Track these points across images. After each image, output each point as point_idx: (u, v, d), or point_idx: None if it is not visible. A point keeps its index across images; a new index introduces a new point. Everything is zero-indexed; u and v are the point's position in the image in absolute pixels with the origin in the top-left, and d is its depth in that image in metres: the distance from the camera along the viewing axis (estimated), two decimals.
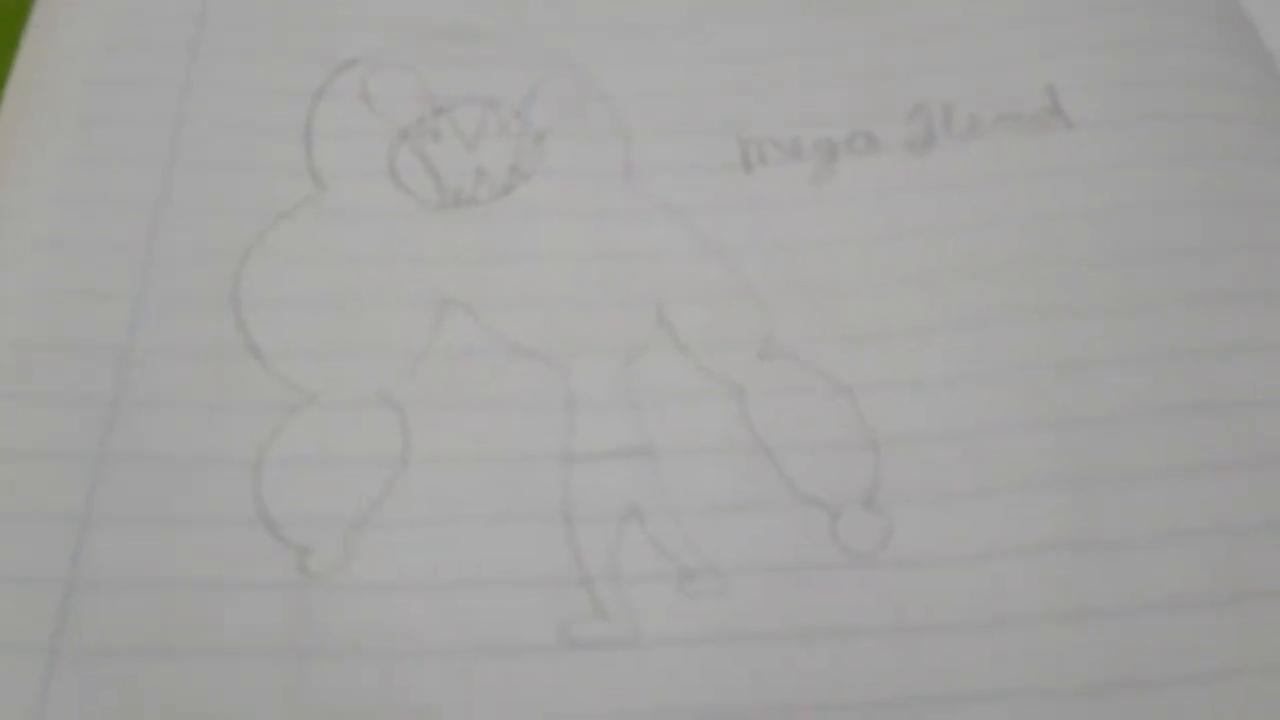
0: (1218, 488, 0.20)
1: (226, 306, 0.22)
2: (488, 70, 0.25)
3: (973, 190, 0.24)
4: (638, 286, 0.23)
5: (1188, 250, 0.23)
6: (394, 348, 0.22)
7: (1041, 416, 0.21)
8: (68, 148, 0.24)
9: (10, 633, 0.18)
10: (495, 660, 0.19)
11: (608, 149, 0.25)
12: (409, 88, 0.25)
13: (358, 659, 0.18)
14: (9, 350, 0.21)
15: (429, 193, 0.24)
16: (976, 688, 0.18)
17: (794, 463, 0.21)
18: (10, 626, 0.18)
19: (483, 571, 0.19)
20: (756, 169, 0.24)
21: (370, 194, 0.24)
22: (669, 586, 0.19)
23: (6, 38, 0.26)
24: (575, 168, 0.24)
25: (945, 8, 0.26)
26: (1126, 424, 0.21)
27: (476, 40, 0.26)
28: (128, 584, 0.19)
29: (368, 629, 0.19)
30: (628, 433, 0.21)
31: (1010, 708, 0.18)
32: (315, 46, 0.26)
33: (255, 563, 0.19)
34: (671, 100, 0.25)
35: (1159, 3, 0.26)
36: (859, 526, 0.20)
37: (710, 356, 0.22)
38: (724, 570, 0.20)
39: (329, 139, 0.24)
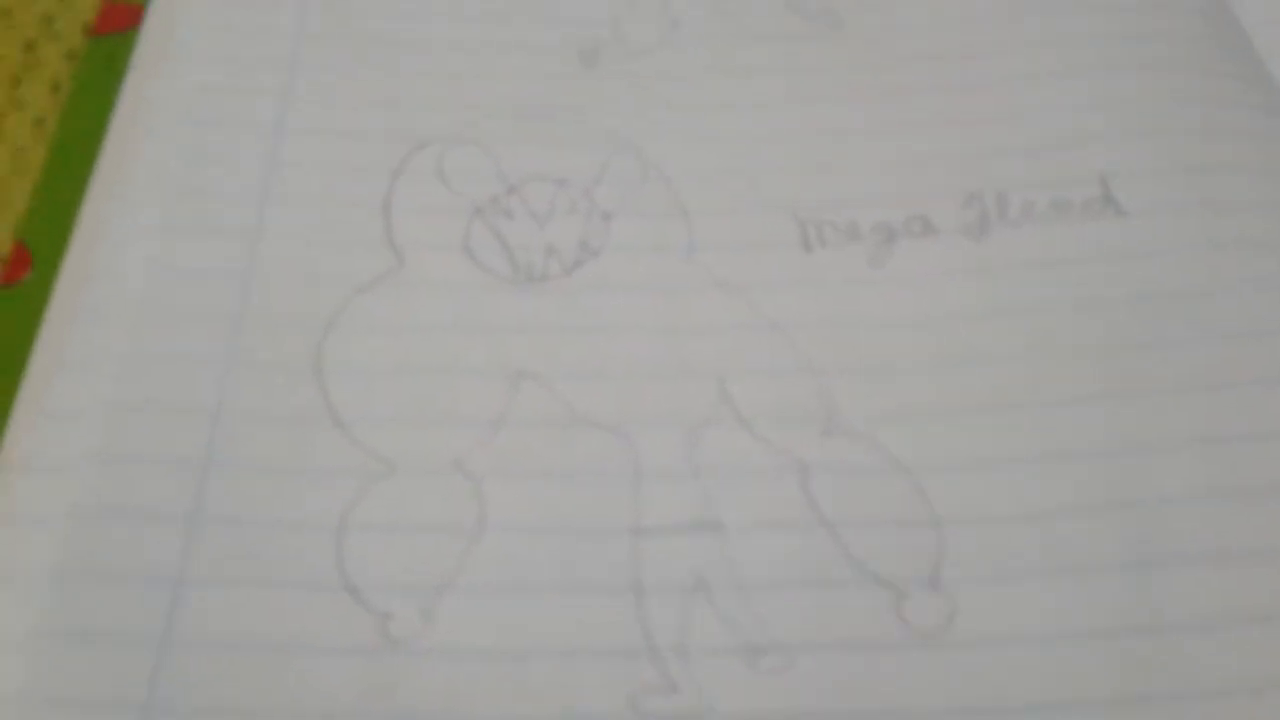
0: (1274, 573, 0.20)
1: (310, 375, 0.23)
2: (556, 150, 0.26)
3: (1028, 275, 0.24)
4: (700, 361, 0.23)
5: (1242, 334, 0.23)
6: (469, 418, 0.22)
7: (1101, 499, 0.21)
8: (161, 217, 0.25)
9: (106, 692, 0.19)
10: None
11: (670, 228, 0.25)
12: (483, 166, 0.26)
13: None
14: (104, 411, 0.22)
15: (502, 268, 0.25)
16: None
17: (858, 540, 0.21)
18: (106, 685, 0.19)
19: (555, 640, 0.20)
20: (815, 249, 0.25)
21: (446, 268, 0.24)
22: (737, 661, 0.20)
23: (97, 108, 0.27)
24: (640, 245, 0.25)
25: (1001, 94, 0.27)
26: (1187, 507, 0.21)
27: (545, 121, 0.27)
28: (218, 645, 0.19)
29: (444, 696, 0.19)
30: (694, 506, 0.22)
31: None
32: (393, 126, 0.27)
33: (338, 627, 0.20)
34: (729, 181, 0.26)
35: (1209, 93, 0.27)
36: (924, 607, 0.20)
37: (773, 432, 0.22)
38: (790, 647, 0.20)
39: (407, 214, 0.25)
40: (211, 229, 0.25)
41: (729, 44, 0.29)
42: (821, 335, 0.24)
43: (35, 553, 0.20)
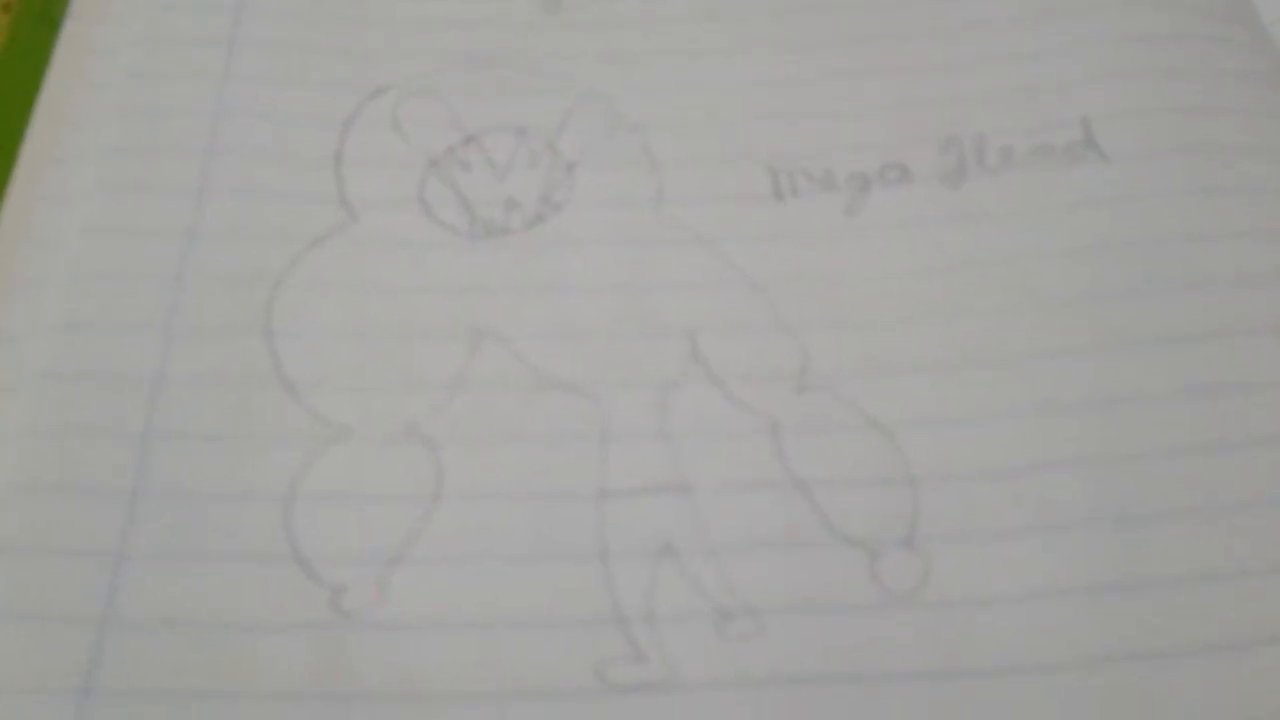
0: (1259, 525, 0.20)
1: (258, 336, 0.22)
2: (517, 99, 0.25)
3: (1007, 223, 0.24)
4: (670, 318, 0.22)
5: (1223, 282, 0.22)
6: (426, 380, 0.21)
7: (1080, 453, 0.21)
8: (98, 175, 0.23)
9: (43, 674, 0.18)
10: (530, 703, 0.18)
11: (638, 179, 0.24)
12: (439, 116, 0.25)
13: (391, 701, 0.18)
14: (38, 381, 0.21)
15: (460, 223, 0.24)
16: None
17: (831, 500, 0.20)
18: (43, 667, 0.18)
19: (517, 611, 0.19)
20: (788, 199, 0.24)
21: (401, 223, 0.23)
22: (706, 627, 0.19)
23: (33, 64, 0.26)
24: (606, 198, 0.24)
25: (979, 39, 0.26)
26: (1163, 462, 0.21)
27: (506, 69, 0.26)
28: (161, 623, 0.19)
29: (401, 670, 0.19)
30: (662, 468, 0.21)
31: None
32: (345, 75, 0.25)
33: (288, 601, 0.19)
34: (700, 130, 0.25)
35: (1194, 34, 0.26)
36: (898, 566, 0.20)
37: (745, 390, 0.22)
38: (761, 611, 0.19)
39: (359, 167, 0.24)
40: (153, 186, 0.23)
41: None
42: (795, 289, 0.23)
43: None
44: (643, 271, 0.23)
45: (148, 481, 0.20)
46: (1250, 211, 0.23)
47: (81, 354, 0.21)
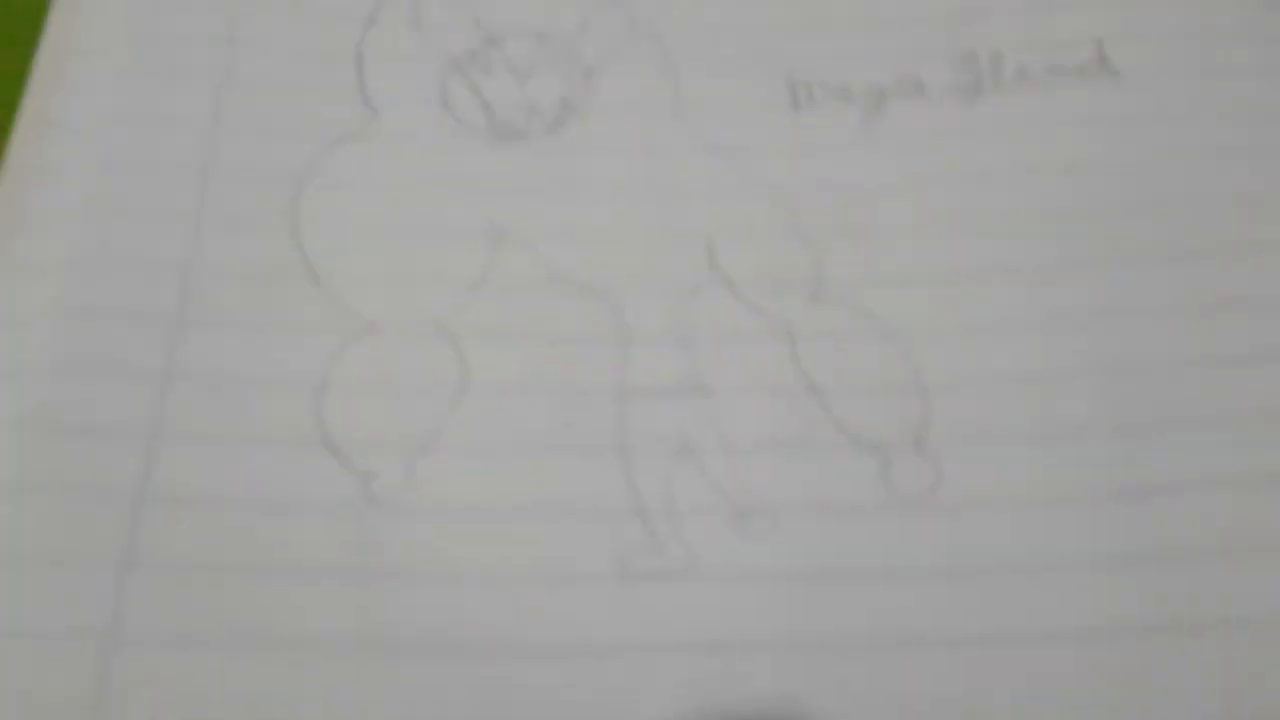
0: (1259, 435, 0.20)
1: (284, 230, 0.22)
2: (537, 2, 0.25)
3: (1020, 139, 0.24)
4: (688, 223, 0.23)
5: (1235, 200, 0.23)
6: (449, 278, 0.22)
7: (1090, 363, 0.21)
8: (120, 64, 0.23)
9: (83, 546, 0.18)
10: (553, 587, 0.19)
11: (657, 86, 0.25)
12: (460, 17, 0.25)
13: (418, 582, 0.19)
14: (72, 264, 0.21)
15: (481, 124, 0.24)
16: (1024, 630, 0.19)
17: (844, 405, 0.21)
18: (83, 539, 0.18)
19: (540, 500, 0.20)
20: (805, 109, 0.24)
21: (422, 121, 0.24)
22: (723, 522, 0.20)
23: None
24: (625, 104, 0.24)
25: None
26: (1175, 372, 0.21)
27: None
28: (196, 500, 0.19)
29: (427, 552, 0.19)
30: (680, 369, 0.21)
31: (1057, 650, 0.19)
32: None
33: (319, 484, 0.19)
34: (720, 38, 0.25)
35: None
36: (909, 471, 0.20)
37: (761, 297, 0.22)
38: (776, 509, 0.20)
39: (381, 65, 0.24)
40: (175, 78, 0.23)
41: None
42: (810, 198, 0.23)
43: (3, 407, 0.19)
44: (661, 177, 0.23)
45: (179, 364, 0.20)
46: (1257, 132, 0.24)
47: (110, 241, 0.21)
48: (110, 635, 0.18)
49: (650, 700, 0.18)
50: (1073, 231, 0.23)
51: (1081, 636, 0.19)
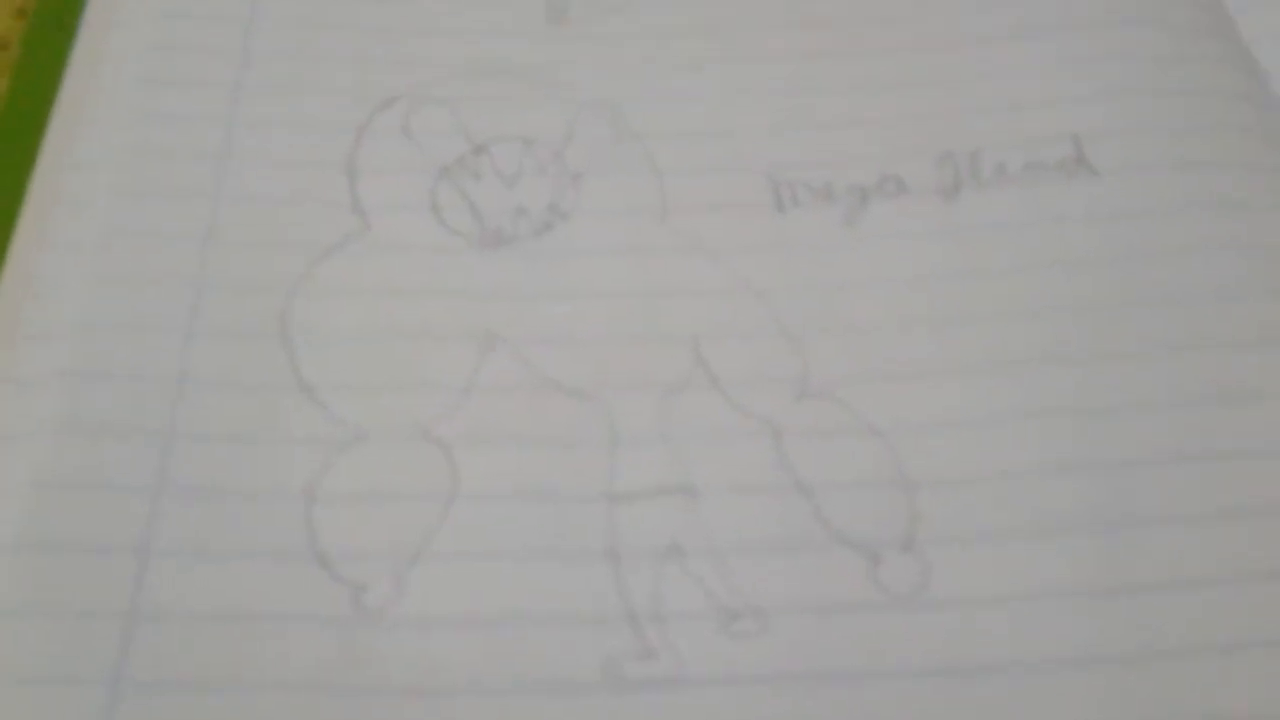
0: (1242, 533, 0.21)
1: (275, 340, 0.22)
2: (524, 110, 0.26)
3: (1001, 236, 0.24)
4: (674, 324, 0.23)
5: (1212, 296, 0.23)
6: (439, 383, 0.22)
7: (1072, 460, 0.21)
8: (114, 181, 0.24)
9: (73, 666, 0.18)
10: (543, 697, 0.19)
11: (642, 188, 0.25)
12: (449, 125, 0.25)
13: (409, 694, 0.19)
14: (59, 380, 0.21)
15: (470, 230, 0.24)
16: None
17: (832, 504, 0.21)
18: (73, 659, 0.18)
19: (530, 607, 0.20)
20: (789, 209, 0.25)
21: (413, 230, 0.24)
22: (712, 626, 0.20)
23: (49, 70, 0.26)
24: (611, 207, 0.25)
25: (972, 55, 0.27)
26: (1154, 468, 0.21)
27: (513, 79, 0.27)
28: (187, 617, 0.19)
29: (419, 664, 0.19)
30: (668, 471, 0.21)
31: None
32: (357, 84, 0.26)
33: (310, 597, 0.19)
34: (702, 140, 0.26)
35: (1182, 52, 0.27)
36: (898, 569, 0.20)
37: (747, 395, 0.22)
38: (765, 610, 0.20)
39: (372, 175, 0.25)
40: (168, 191, 0.24)
41: (696, 2, 0.28)
42: (795, 297, 0.24)
43: None
44: (647, 279, 0.24)
45: (170, 479, 0.20)
46: (1234, 226, 0.24)
47: (102, 354, 0.22)
48: None
49: None
50: (1056, 327, 0.23)
51: None
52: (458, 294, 0.23)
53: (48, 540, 0.20)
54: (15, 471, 0.20)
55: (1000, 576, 0.20)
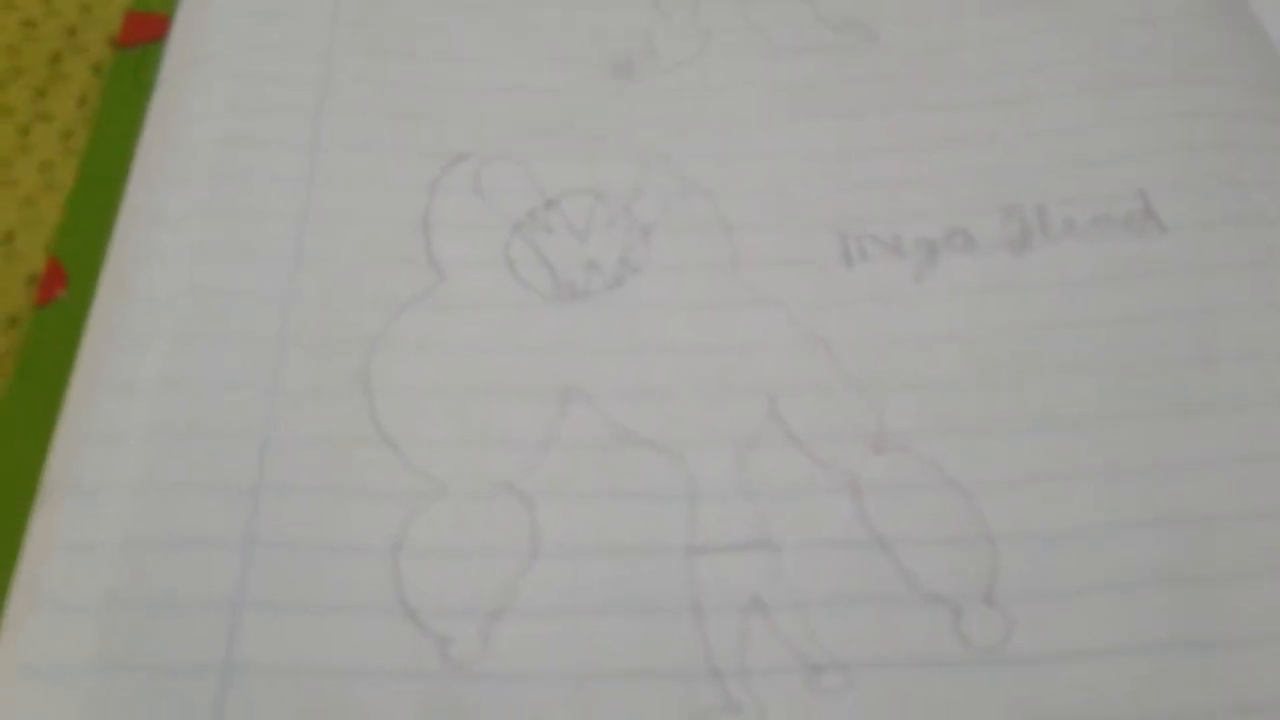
0: None
1: (358, 395, 0.22)
2: (593, 164, 0.26)
3: (1071, 290, 0.24)
4: (748, 379, 0.23)
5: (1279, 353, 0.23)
6: (518, 437, 0.22)
7: (1149, 515, 0.21)
8: (196, 237, 0.24)
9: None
10: None
11: (712, 242, 0.25)
12: (519, 181, 0.26)
13: None
14: (150, 435, 0.21)
15: (544, 284, 0.24)
16: None
17: (913, 557, 0.21)
18: (171, 715, 0.19)
19: (615, 662, 0.20)
20: (857, 264, 0.25)
21: (488, 285, 0.24)
22: (797, 681, 0.20)
23: (127, 126, 0.27)
24: (682, 261, 0.25)
25: (1040, 108, 0.27)
26: (1232, 523, 0.21)
27: (582, 135, 0.27)
28: (279, 671, 0.19)
29: (507, 718, 0.19)
30: (747, 525, 0.21)
31: None
32: (429, 141, 0.26)
33: (397, 651, 0.20)
34: (770, 196, 0.26)
35: (1248, 108, 0.27)
36: (981, 622, 0.20)
37: (823, 449, 0.22)
38: (849, 665, 0.20)
39: (446, 230, 0.25)
40: (249, 248, 0.24)
41: (762, 57, 0.29)
42: (867, 350, 0.24)
43: (87, 582, 0.20)
44: (720, 333, 0.24)
45: (259, 534, 0.20)
46: None
47: (190, 410, 0.22)
48: None
49: None
50: (1128, 382, 0.23)
51: None
52: (534, 348, 0.23)
53: (140, 597, 0.20)
54: (106, 528, 0.20)
55: (1085, 630, 0.20)
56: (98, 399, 0.22)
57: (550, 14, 0.29)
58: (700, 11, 0.29)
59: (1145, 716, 0.19)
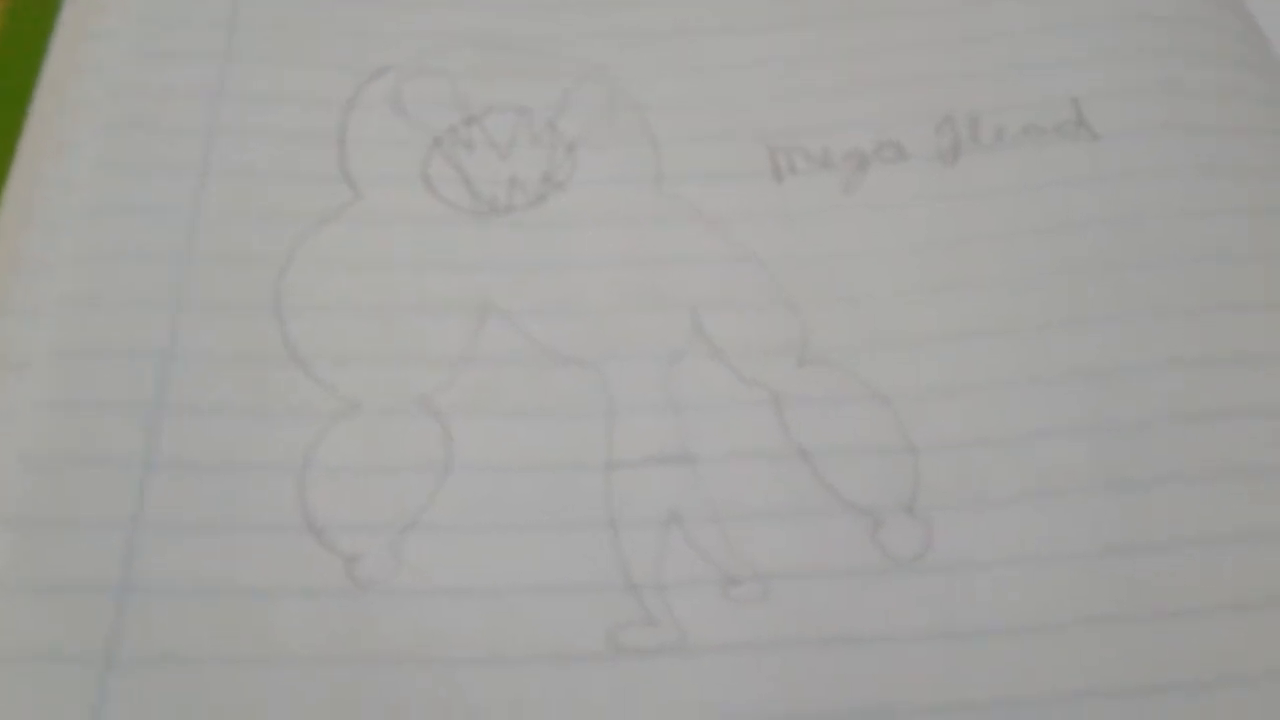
0: (1252, 492, 0.20)
1: (267, 313, 0.22)
2: (518, 80, 0.26)
3: (1001, 200, 0.24)
4: (672, 293, 0.23)
5: (1211, 258, 0.23)
6: (434, 355, 0.22)
7: (1075, 422, 0.21)
8: (100, 155, 0.24)
9: (66, 642, 0.18)
10: (545, 666, 0.19)
11: (639, 157, 0.25)
12: (440, 96, 0.25)
13: (408, 666, 0.19)
14: (50, 358, 0.21)
15: (463, 200, 0.24)
16: (1017, 693, 0.19)
17: (834, 469, 0.21)
18: (65, 636, 0.18)
19: (530, 578, 0.20)
20: (787, 178, 0.25)
21: (406, 201, 0.24)
22: (714, 592, 0.20)
23: (32, 43, 0.26)
24: (607, 176, 0.24)
25: (970, 18, 0.27)
26: (1158, 429, 0.21)
27: (506, 49, 0.26)
28: (180, 591, 0.19)
29: (418, 636, 0.19)
30: (667, 439, 0.21)
31: (1049, 712, 0.19)
32: (346, 55, 0.26)
33: (304, 570, 0.19)
34: (700, 109, 0.26)
35: (1182, 17, 0.26)
36: (900, 533, 0.20)
37: (747, 363, 0.22)
38: (767, 576, 0.20)
39: (363, 146, 0.24)
40: (156, 164, 0.23)
41: None
42: (795, 265, 0.23)
43: None
44: (644, 248, 0.23)
45: (160, 453, 0.20)
46: (1234, 189, 0.24)
47: (90, 329, 0.21)
48: None
49: None
50: (1057, 290, 0.23)
51: (1075, 699, 0.19)
52: (452, 265, 0.23)
53: (38, 516, 0.19)
54: (4, 449, 0.20)
55: (1002, 540, 0.20)
56: (2, 322, 0.21)
57: None
58: None
59: (1064, 624, 0.19)
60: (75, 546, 0.19)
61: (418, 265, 0.23)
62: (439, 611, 0.19)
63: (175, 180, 0.23)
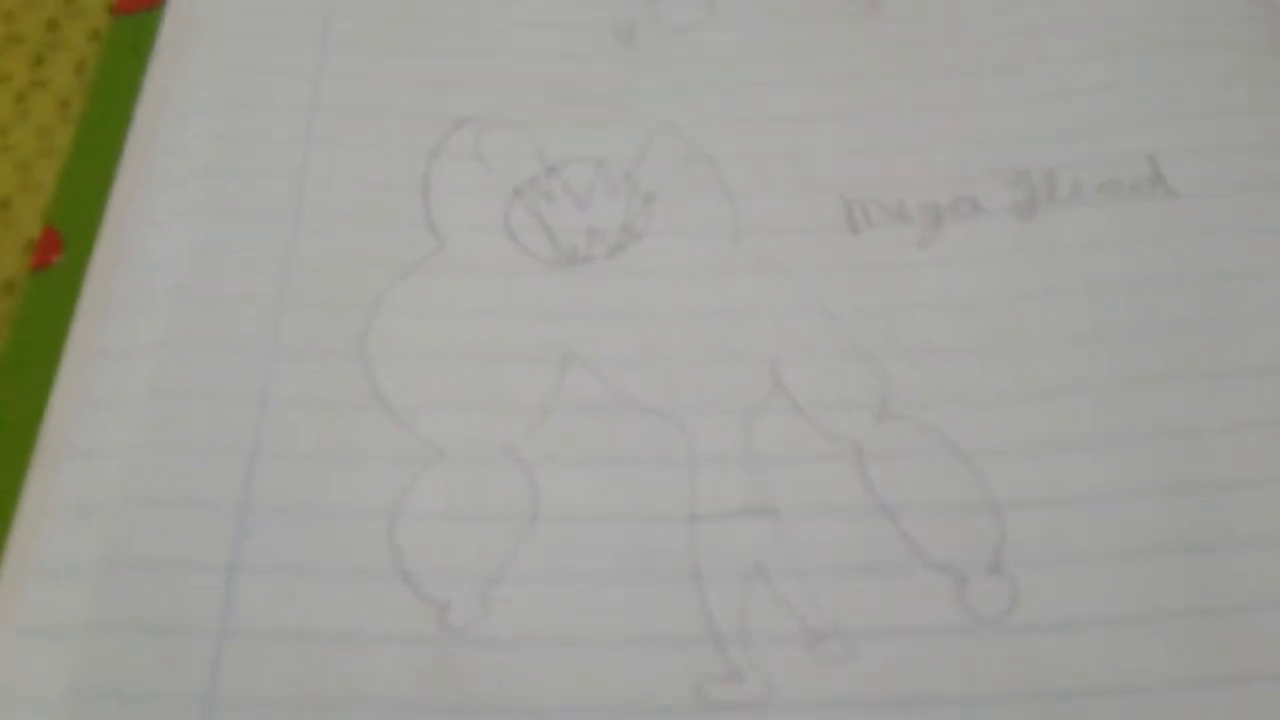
0: None
1: (356, 359, 0.22)
2: (595, 131, 0.26)
3: (1077, 256, 0.24)
4: (751, 346, 0.23)
5: None
6: (517, 404, 0.22)
7: (1161, 481, 0.21)
8: (194, 199, 0.24)
9: (166, 683, 0.18)
10: (631, 717, 0.19)
11: (715, 210, 0.25)
12: (521, 147, 0.26)
13: (496, 713, 0.19)
14: (147, 399, 0.21)
15: (544, 250, 0.24)
16: None
17: (916, 525, 0.21)
18: (166, 677, 0.18)
19: (616, 628, 0.20)
20: (863, 231, 0.25)
21: (488, 250, 0.24)
22: (799, 648, 0.20)
23: (124, 92, 0.27)
24: (684, 228, 0.25)
25: (1048, 74, 0.27)
26: (1239, 490, 0.21)
27: (584, 101, 0.27)
28: (276, 635, 0.19)
29: (506, 683, 0.19)
30: (750, 492, 0.21)
31: None
32: (428, 105, 0.26)
33: (396, 616, 0.19)
34: (774, 162, 0.26)
35: (1258, 73, 0.26)
36: (985, 591, 0.20)
37: (827, 417, 0.22)
38: (851, 633, 0.20)
39: (446, 196, 0.25)
40: (248, 211, 0.24)
41: (766, 23, 0.28)
42: (871, 318, 0.23)
43: (83, 544, 0.20)
44: (722, 300, 0.24)
45: (255, 497, 0.20)
46: None
47: (186, 372, 0.22)
48: None
49: None
50: (1135, 348, 0.23)
51: None
52: (534, 314, 0.23)
53: (136, 560, 0.20)
54: (103, 489, 0.20)
55: (1089, 599, 0.20)
56: (96, 363, 0.22)
57: None
58: None
59: (1151, 685, 0.19)
60: (172, 589, 0.19)
61: (499, 314, 0.23)
62: (526, 660, 0.19)
63: (267, 226, 0.24)
